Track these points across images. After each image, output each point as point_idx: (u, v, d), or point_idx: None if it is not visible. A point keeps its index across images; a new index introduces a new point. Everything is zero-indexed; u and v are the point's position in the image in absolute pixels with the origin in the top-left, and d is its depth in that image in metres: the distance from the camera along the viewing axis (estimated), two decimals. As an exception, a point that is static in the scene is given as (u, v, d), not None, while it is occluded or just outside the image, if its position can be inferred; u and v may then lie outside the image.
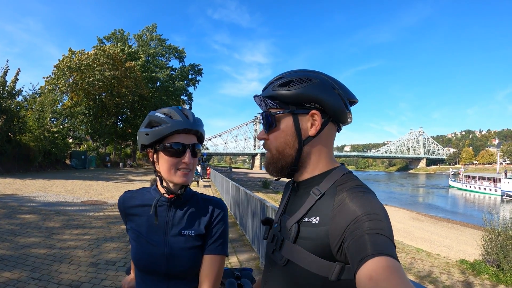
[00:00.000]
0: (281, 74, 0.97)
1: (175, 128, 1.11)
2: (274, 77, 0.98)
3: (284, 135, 0.92)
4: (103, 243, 5.74)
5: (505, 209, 26.70)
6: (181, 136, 1.13)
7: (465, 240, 14.38)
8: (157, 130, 1.12)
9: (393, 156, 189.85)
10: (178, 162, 1.13)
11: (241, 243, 6.40)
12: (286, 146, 0.92)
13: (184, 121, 1.13)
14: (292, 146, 0.92)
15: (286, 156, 0.93)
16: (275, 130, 0.94)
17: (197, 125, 1.17)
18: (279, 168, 0.94)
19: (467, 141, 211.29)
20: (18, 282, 3.80)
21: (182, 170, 1.13)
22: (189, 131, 1.14)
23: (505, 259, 7.26)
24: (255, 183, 38.68)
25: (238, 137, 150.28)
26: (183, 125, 1.12)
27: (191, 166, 1.15)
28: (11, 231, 6.10)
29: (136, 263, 1.18)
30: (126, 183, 19.32)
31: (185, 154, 1.13)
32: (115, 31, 47.11)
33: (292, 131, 0.92)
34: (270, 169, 0.97)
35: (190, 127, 1.13)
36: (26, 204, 9.21)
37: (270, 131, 0.95)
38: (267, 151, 0.98)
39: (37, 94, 26.90)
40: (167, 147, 1.12)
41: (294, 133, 0.91)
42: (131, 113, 44.22)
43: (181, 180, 1.14)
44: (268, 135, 0.96)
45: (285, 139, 0.92)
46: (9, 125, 20.25)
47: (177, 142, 1.12)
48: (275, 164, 0.95)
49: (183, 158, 1.12)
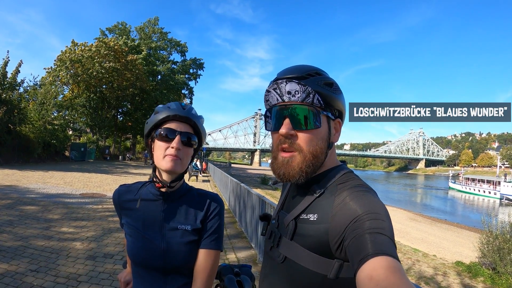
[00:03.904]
0: (310, 67, 0.90)
1: (167, 114, 1.14)
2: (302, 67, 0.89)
3: (321, 139, 0.88)
4: (101, 236, 5.74)
5: (503, 212, 26.70)
6: (174, 123, 1.16)
7: (461, 242, 14.43)
8: (153, 117, 1.17)
9: (392, 156, 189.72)
10: (167, 147, 1.13)
11: (239, 239, 6.41)
12: (321, 151, 0.88)
13: (177, 109, 1.16)
14: (324, 151, 0.89)
15: (318, 161, 0.88)
16: (312, 131, 0.86)
17: (190, 114, 1.17)
18: (310, 173, 0.87)
19: (466, 143, 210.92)
20: (15, 273, 3.80)
21: (170, 155, 1.12)
22: (181, 118, 1.15)
23: (501, 262, 7.29)
24: (254, 179, 38.75)
25: (238, 132, 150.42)
26: (174, 111, 1.15)
27: (180, 154, 1.13)
28: (9, 222, 6.10)
29: (132, 258, 1.18)
30: (125, 176, 19.33)
31: (173, 141, 1.13)
32: (117, 24, 46.87)
33: (327, 136, 0.90)
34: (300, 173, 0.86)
35: (181, 114, 1.15)
36: (25, 195, 9.20)
37: (308, 129, 0.86)
38: (293, 152, 0.87)
39: (38, 86, 26.79)
40: (159, 132, 1.15)
41: (327, 138, 0.89)
42: (132, 106, 44.11)
43: (168, 165, 1.11)
44: (297, 132, 0.87)
45: (321, 143, 0.88)
46: (10, 116, 20.19)
47: (169, 127, 1.14)
48: (307, 168, 0.86)
49: (172, 143, 1.12)
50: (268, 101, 0.93)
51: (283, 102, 0.88)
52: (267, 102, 0.93)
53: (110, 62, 33.25)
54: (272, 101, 0.91)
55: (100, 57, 32.79)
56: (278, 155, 0.89)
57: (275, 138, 0.91)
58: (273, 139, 0.93)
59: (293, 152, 0.86)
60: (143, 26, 48.82)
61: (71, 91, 35.01)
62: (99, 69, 32.77)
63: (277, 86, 0.88)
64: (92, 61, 32.58)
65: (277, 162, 0.89)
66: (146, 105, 42.94)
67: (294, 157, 0.86)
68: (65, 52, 32.45)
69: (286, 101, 0.87)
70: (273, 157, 0.92)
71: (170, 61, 49.31)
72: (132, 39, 45.11)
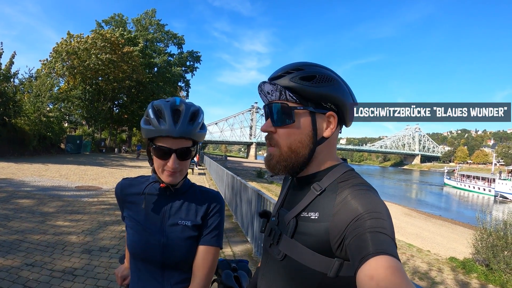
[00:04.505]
0: (297, 64, 0.91)
1: (158, 134, 1.09)
2: (288, 65, 0.92)
3: (299, 133, 0.88)
4: (97, 229, 5.73)
5: (497, 209, 26.98)
6: (169, 140, 1.10)
7: (455, 238, 14.60)
8: (146, 130, 1.12)
9: (388, 151, 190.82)
10: (164, 164, 1.12)
11: (235, 233, 6.43)
12: (301, 145, 0.88)
13: (169, 127, 1.07)
14: (307, 146, 0.89)
15: (298, 156, 0.89)
16: (289, 126, 0.89)
17: (184, 132, 1.09)
18: (289, 167, 0.90)
19: (462, 140, 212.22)
20: (11, 268, 3.79)
21: (167, 171, 1.13)
22: (175, 137, 1.10)
23: (494, 259, 7.38)
24: (249, 172, 38.95)
25: (234, 125, 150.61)
26: (166, 132, 1.07)
27: (177, 169, 1.13)
28: (4, 215, 6.07)
29: (132, 251, 1.19)
30: (121, 168, 19.31)
31: (169, 159, 1.11)
32: (114, 15, 46.41)
33: (309, 130, 0.89)
34: (278, 167, 0.91)
35: (174, 135, 1.08)
36: (20, 188, 9.16)
37: (282, 125, 0.89)
38: (274, 147, 0.92)
39: (33, 78, 26.57)
40: (154, 148, 1.12)
41: (311, 133, 0.89)
42: (128, 99, 43.89)
43: (167, 180, 1.14)
44: (276, 128, 0.90)
45: (301, 138, 0.88)
46: (5, 109, 20.03)
47: (163, 146, 1.10)
48: (285, 162, 0.89)
49: (168, 162, 1.11)
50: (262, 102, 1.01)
51: (268, 101, 0.95)
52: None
53: (107, 54, 32.98)
54: (263, 101, 0.98)
55: (96, 49, 32.49)
56: (267, 150, 0.96)
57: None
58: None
59: (274, 147, 0.91)
60: (140, 18, 48.41)
61: (66, 83, 34.77)
62: (95, 60, 32.45)
63: (261, 88, 0.95)
64: (88, 53, 32.31)
65: (265, 156, 0.96)
66: (142, 97, 42.75)
67: (274, 152, 0.91)
68: (61, 44, 32.15)
69: (269, 101, 0.94)
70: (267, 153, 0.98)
71: (166, 54, 48.94)
72: (129, 31, 44.70)
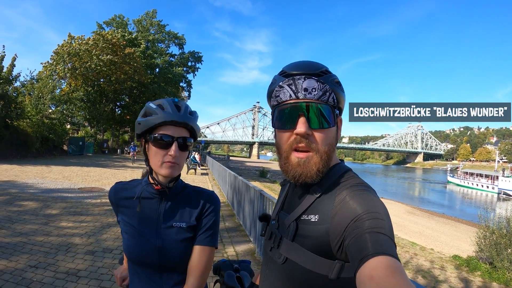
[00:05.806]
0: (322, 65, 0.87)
1: (163, 119, 1.10)
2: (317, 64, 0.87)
3: (332, 138, 0.86)
4: (100, 231, 5.75)
5: (501, 207, 26.85)
6: (170, 128, 1.12)
7: (459, 236, 14.52)
8: (147, 120, 1.12)
9: (390, 150, 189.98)
10: (165, 154, 1.11)
11: (238, 232, 6.43)
12: (333, 150, 0.86)
13: (173, 113, 1.11)
14: (334, 150, 0.88)
15: (330, 161, 0.87)
16: (326, 130, 0.84)
17: (186, 118, 1.13)
18: (321, 174, 0.84)
19: (465, 137, 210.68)
20: (15, 269, 3.81)
21: (168, 162, 1.12)
22: (178, 124, 1.12)
23: (498, 257, 7.34)
24: (252, 172, 38.87)
25: (236, 125, 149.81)
26: (171, 116, 1.10)
27: (177, 160, 1.13)
28: (8, 218, 6.10)
29: (128, 255, 1.18)
30: (124, 169, 19.29)
31: (171, 147, 1.11)
32: (115, 17, 46.39)
33: (336, 134, 0.88)
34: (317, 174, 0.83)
35: (178, 119, 1.11)
36: (24, 190, 9.20)
37: (321, 128, 0.83)
38: (309, 152, 0.83)
39: (35, 80, 26.61)
40: (155, 137, 1.11)
41: (336, 137, 0.89)
42: (130, 100, 43.88)
43: (167, 172, 1.12)
44: (313, 132, 0.83)
45: (333, 142, 0.86)
46: (7, 111, 20.07)
47: (165, 133, 1.11)
48: (323, 168, 0.84)
49: (170, 151, 1.11)
50: (278, 97, 0.86)
51: (297, 99, 0.82)
52: (276, 98, 0.87)
53: (108, 55, 32.99)
54: (284, 97, 0.84)
55: (97, 50, 32.51)
56: (290, 155, 0.85)
57: (286, 137, 0.85)
58: (283, 138, 0.87)
59: (309, 152, 0.83)
60: (141, 19, 48.35)
61: (68, 85, 34.81)
62: (97, 62, 32.46)
63: (293, 82, 0.83)
64: (89, 54, 32.32)
65: (291, 163, 0.85)
66: (144, 98, 42.69)
67: (311, 158, 0.83)
68: (62, 45, 32.15)
69: (301, 98, 0.82)
70: (284, 157, 0.86)
71: (168, 54, 48.88)
72: (130, 32, 44.71)
